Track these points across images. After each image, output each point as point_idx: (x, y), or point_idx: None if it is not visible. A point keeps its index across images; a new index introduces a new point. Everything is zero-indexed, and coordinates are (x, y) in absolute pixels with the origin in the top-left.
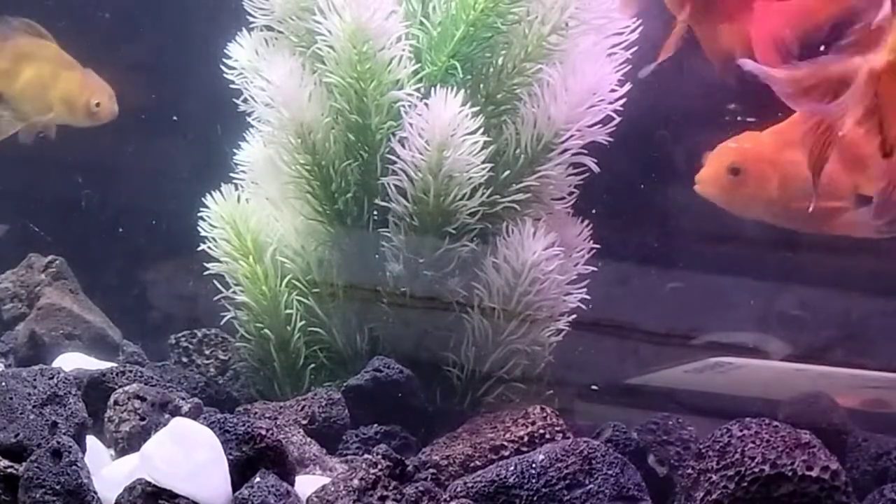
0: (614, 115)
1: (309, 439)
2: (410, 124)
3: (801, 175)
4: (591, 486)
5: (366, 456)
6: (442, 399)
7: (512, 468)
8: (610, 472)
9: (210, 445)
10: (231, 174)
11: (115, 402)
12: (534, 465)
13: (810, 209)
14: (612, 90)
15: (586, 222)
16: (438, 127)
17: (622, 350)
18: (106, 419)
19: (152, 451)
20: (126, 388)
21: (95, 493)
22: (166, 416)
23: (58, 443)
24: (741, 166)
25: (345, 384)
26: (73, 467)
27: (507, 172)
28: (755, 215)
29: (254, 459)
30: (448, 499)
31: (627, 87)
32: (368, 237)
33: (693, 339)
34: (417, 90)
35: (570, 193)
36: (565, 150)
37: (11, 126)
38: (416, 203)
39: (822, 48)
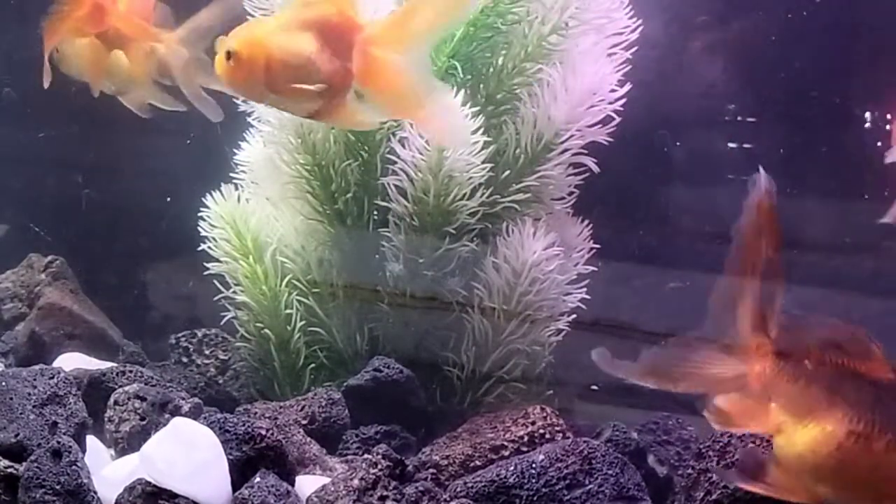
0: (614, 115)
1: (309, 439)
2: (410, 124)
3: (289, 58)
4: (591, 486)
5: (366, 456)
6: (442, 399)
7: (512, 468)
8: (610, 472)
9: (210, 445)
10: (231, 174)
11: (115, 402)
12: (534, 465)
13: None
14: (612, 90)
15: (586, 222)
16: None
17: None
18: (106, 419)
19: (152, 451)
20: (126, 387)
21: (95, 493)
22: (166, 415)
23: (58, 443)
24: (233, 50)
25: (345, 384)
26: (73, 467)
27: (507, 172)
28: (258, 98)
29: (254, 459)
30: (448, 499)
31: (627, 87)
32: (368, 237)
33: None
34: None
35: (570, 193)
36: (565, 150)
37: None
38: (417, 203)
39: None
